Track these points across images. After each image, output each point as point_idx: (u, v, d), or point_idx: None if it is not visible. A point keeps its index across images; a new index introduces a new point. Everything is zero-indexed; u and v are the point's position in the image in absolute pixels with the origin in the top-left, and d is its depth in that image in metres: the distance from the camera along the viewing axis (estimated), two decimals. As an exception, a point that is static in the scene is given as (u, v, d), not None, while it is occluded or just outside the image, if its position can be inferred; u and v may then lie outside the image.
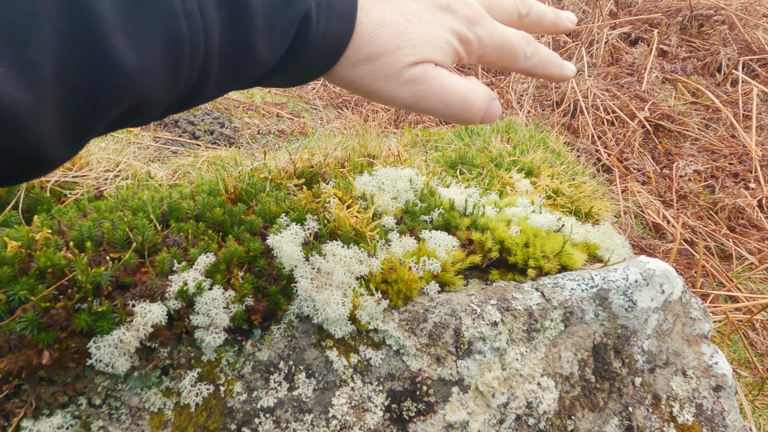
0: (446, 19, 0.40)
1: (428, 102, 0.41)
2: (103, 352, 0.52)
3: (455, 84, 0.41)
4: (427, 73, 0.40)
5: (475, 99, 0.42)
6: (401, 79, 0.39)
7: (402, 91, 0.40)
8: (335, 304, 0.58)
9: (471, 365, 0.60)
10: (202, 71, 0.31)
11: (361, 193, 0.70)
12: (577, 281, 0.67)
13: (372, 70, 0.38)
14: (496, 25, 0.42)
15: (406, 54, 0.38)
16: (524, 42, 0.44)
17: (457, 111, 0.42)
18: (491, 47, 0.42)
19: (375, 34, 0.37)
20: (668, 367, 0.72)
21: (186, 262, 0.58)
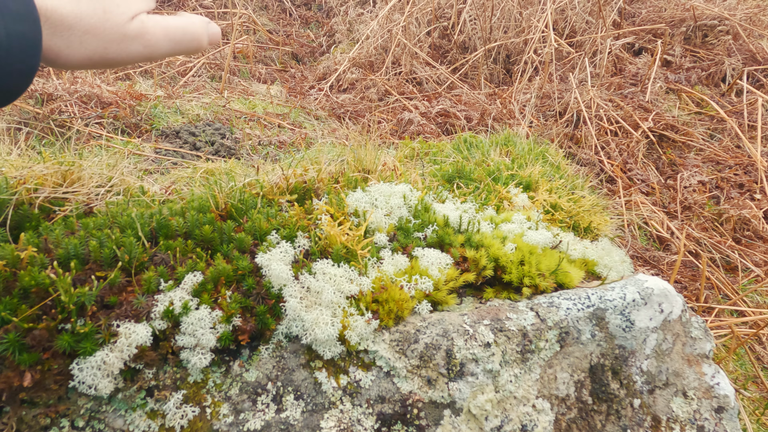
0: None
1: (159, 47, 0.44)
2: (86, 373, 0.51)
3: (173, 22, 0.45)
4: (145, 24, 0.43)
5: (194, 28, 0.47)
6: (128, 38, 0.42)
7: (134, 47, 0.43)
8: (324, 324, 0.57)
9: (463, 387, 0.58)
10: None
11: (354, 210, 0.69)
12: (573, 300, 0.66)
13: (97, 42, 0.41)
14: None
15: (117, 15, 0.41)
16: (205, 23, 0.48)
17: (186, 43, 0.46)
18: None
19: (78, 10, 0.39)
20: (668, 388, 0.70)
21: (173, 281, 0.57)
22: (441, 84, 2.97)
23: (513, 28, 3.26)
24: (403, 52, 2.94)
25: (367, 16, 3.31)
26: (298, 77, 3.01)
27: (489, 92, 2.98)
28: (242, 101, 2.41)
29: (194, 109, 2.12)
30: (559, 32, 3.37)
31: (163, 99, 2.12)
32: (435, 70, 3.00)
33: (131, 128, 1.86)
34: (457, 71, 3.10)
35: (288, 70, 3.11)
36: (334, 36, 3.40)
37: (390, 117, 2.59)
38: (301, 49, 3.33)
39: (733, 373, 1.70)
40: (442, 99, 2.76)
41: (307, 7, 3.77)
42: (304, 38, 3.44)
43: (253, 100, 2.45)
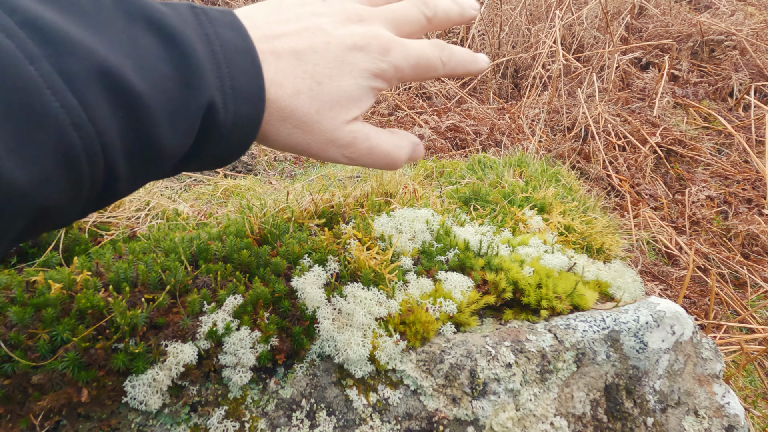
0: (358, 60, 0.42)
1: (358, 161, 0.44)
2: (138, 390, 0.55)
3: (382, 143, 0.45)
4: (355, 136, 0.43)
5: (398, 154, 0.46)
6: (333, 144, 0.42)
7: (335, 153, 0.43)
8: (356, 344, 0.61)
9: (486, 406, 0.62)
10: (108, 173, 0.31)
11: (380, 234, 0.73)
12: (589, 323, 0.69)
13: (304, 137, 0.41)
14: (407, 44, 0.44)
15: (330, 119, 0.41)
16: (438, 50, 0.46)
17: (383, 165, 0.46)
18: (408, 68, 0.44)
19: (294, 105, 0.39)
20: (680, 407, 0.73)
21: (215, 303, 0.61)
22: (450, 98, 3.02)
23: (521, 44, 3.31)
24: (413, 67, 2.99)
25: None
26: (311, 91, 3.07)
27: (498, 107, 3.03)
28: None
29: (211, 124, 2.17)
30: (567, 47, 3.42)
31: (181, 114, 2.17)
32: (444, 84, 3.05)
33: (151, 144, 1.92)
34: (466, 86, 3.15)
35: (300, 84, 3.17)
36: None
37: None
38: (312, 63, 3.39)
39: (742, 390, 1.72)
40: (452, 114, 2.81)
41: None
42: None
43: (267, 114, 2.51)
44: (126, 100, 0.30)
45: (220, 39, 0.35)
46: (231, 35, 0.36)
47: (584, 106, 2.81)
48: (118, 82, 0.29)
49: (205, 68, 0.34)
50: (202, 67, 0.34)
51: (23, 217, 0.27)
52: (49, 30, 0.27)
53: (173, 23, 0.33)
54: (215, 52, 0.35)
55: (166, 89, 0.32)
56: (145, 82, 0.31)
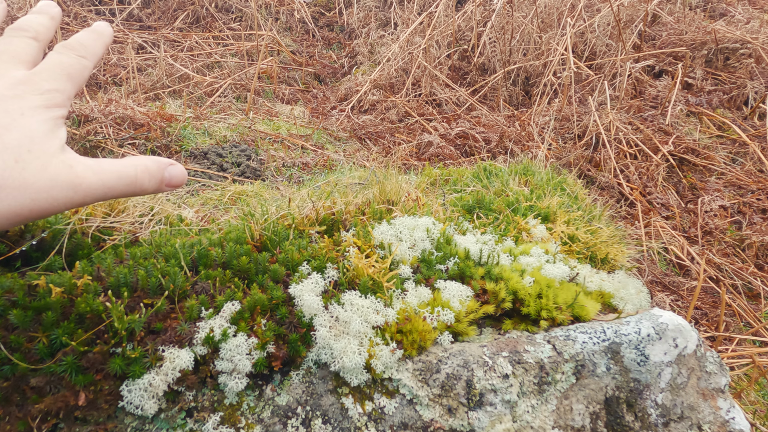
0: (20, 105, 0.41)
1: (93, 193, 0.42)
2: (134, 395, 0.56)
3: (111, 167, 0.43)
4: (71, 165, 0.41)
5: (133, 172, 0.45)
6: (57, 185, 0.40)
7: (65, 195, 0.40)
8: (352, 353, 0.61)
9: (482, 417, 0.61)
10: None
11: (380, 242, 0.73)
12: (589, 334, 0.68)
13: (21, 195, 0.38)
14: (46, 68, 0.44)
15: (33, 160, 0.39)
16: (69, 50, 0.46)
17: (124, 189, 0.44)
18: (66, 82, 0.44)
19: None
20: (683, 422, 0.72)
21: (213, 309, 0.61)
22: (460, 106, 3.02)
23: (532, 51, 3.30)
24: (423, 74, 3.00)
25: (389, 38, 3.39)
26: (320, 98, 3.09)
27: (508, 114, 3.02)
28: (266, 122, 2.49)
29: (221, 130, 2.19)
30: (578, 55, 3.40)
31: (192, 120, 2.20)
32: (454, 91, 3.05)
33: (162, 149, 1.94)
34: (476, 93, 3.15)
35: (310, 91, 3.20)
36: (355, 57, 3.48)
37: (410, 138, 2.64)
38: (323, 69, 3.42)
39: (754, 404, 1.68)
40: (462, 121, 2.81)
41: (330, 28, 3.87)
42: (326, 59, 3.53)
43: (276, 121, 2.53)
44: None
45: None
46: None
47: (595, 114, 2.79)
48: None
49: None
50: None
51: None
52: None
53: None
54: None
55: None
56: None
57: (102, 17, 3.13)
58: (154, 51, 2.96)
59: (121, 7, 3.21)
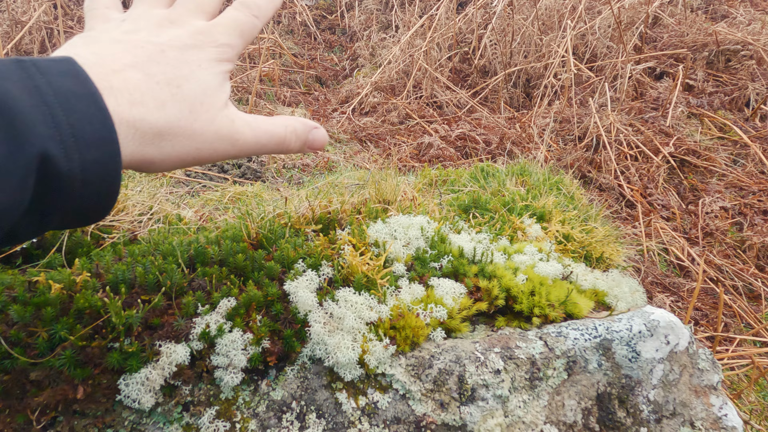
0: (197, 55, 0.43)
1: (249, 148, 0.45)
2: (131, 388, 0.57)
3: (264, 124, 0.45)
4: (233, 121, 0.43)
5: (283, 132, 0.46)
6: (218, 138, 0.42)
7: (224, 146, 0.43)
8: (345, 348, 0.62)
9: (474, 411, 0.62)
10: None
11: (375, 240, 0.74)
12: (581, 331, 0.69)
13: (190, 143, 0.41)
14: (222, 23, 0.46)
15: (204, 112, 0.41)
16: (245, 8, 0.47)
17: (273, 147, 0.46)
18: (237, 38, 0.46)
19: (165, 116, 0.39)
20: (675, 418, 0.72)
21: (209, 305, 0.63)
22: (461, 108, 3.03)
23: (533, 53, 3.31)
24: (424, 76, 3.01)
25: (390, 41, 3.41)
26: (322, 100, 3.11)
27: (509, 116, 3.02)
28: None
29: (223, 132, 2.21)
30: (579, 57, 3.41)
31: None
32: (455, 93, 3.06)
33: (164, 151, 1.96)
34: (477, 95, 3.16)
35: (312, 93, 3.21)
36: (357, 60, 3.50)
37: (410, 140, 2.65)
38: (324, 72, 3.44)
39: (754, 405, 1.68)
40: (462, 123, 2.82)
41: (332, 31, 3.89)
42: (327, 62, 3.55)
43: (278, 123, 2.54)
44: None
45: (54, 87, 0.34)
46: (67, 82, 0.35)
47: (596, 115, 2.80)
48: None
49: (33, 119, 0.33)
50: (27, 119, 0.33)
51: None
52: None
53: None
54: (47, 101, 0.34)
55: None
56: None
57: (105, 21, 3.15)
58: (157, 54, 2.98)
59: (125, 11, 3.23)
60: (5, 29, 2.69)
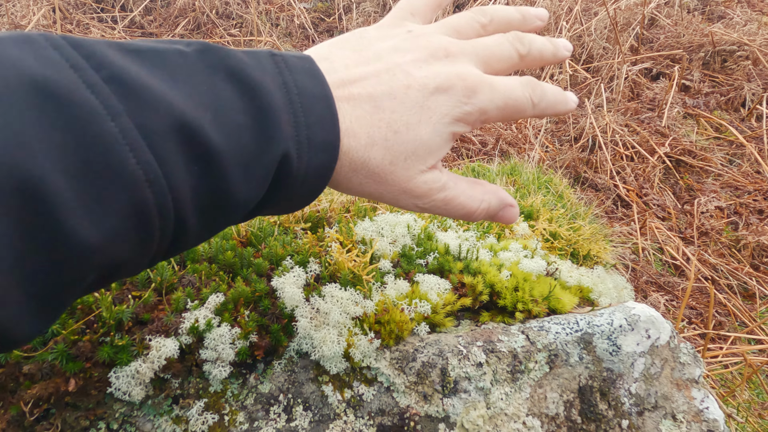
0: (440, 104, 0.39)
1: (432, 210, 0.43)
2: (121, 381, 0.58)
3: (459, 195, 0.42)
4: (430, 187, 0.40)
5: (476, 208, 0.43)
6: (407, 195, 0.40)
7: (408, 202, 0.41)
8: (331, 342, 0.63)
9: (457, 403, 0.64)
10: (178, 226, 0.30)
11: (362, 238, 0.76)
12: (563, 325, 0.71)
13: (377, 187, 0.40)
14: (495, 84, 0.40)
15: (403, 170, 0.39)
16: (530, 90, 0.42)
17: (460, 217, 0.44)
18: (495, 110, 0.40)
19: (367, 156, 0.38)
20: (657, 411, 0.74)
21: (198, 300, 0.64)
22: (458, 109, 3.04)
23: (530, 55, 3.32)
24: (421, 78, 3.03)
25: (387, 43, 3.43)
26: (320, 102, 3.13)
27: (505, 117, 3.04)
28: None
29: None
30: (575, 58, 3.42)
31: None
32: (452, 95, 3.07)
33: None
34: (474, 97, 3.17)
35: (310, 96, 3.23)
36: (355, 62, 3.52)
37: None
38: (323, 75, 3.46)
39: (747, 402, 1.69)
40: (459, 124, 2.84)
41: (330, 33, 3.91)
42: (326, 65, 3.57)
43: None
44: (201, 154, 0.29)
45: (298, 87, 0.35)
46: (309, 83, 0.35)
47: (591, 116, 2.81)
48: (195, 135, 0.29)
49: (282, 119, 0.33)
50: (279, 118, 0.33)
51: (93, 273, 0.27)
52: (133, 84, 0.27)
53: (253, 73, 0.33)
54: (293, 101, 0.34)
55: (242, 141, 0.31)
56: (221, 134, 0.30)
57: (104, 24, 3.19)
58: (156, 57, 3.00)
59: (123, 14, 3.26)
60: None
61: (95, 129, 0.25)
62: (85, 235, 0.25)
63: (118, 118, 0.26)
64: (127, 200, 0.26)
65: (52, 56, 0.25)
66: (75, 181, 0.24)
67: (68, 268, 0.26)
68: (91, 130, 0.25)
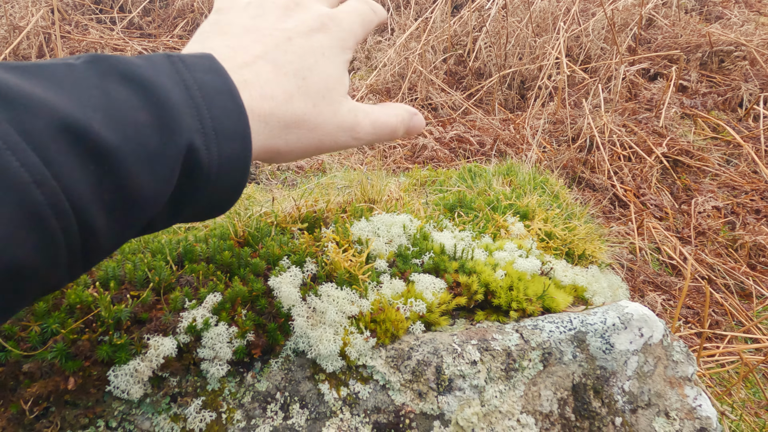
0: (322, 42, 0.43)
1: (365, 138, 0.46)
2: (120, 380, 0.59)
3: (381, 115, 0.47)
4: (356, 114, 0.44)
5: (397, 123, 0.48)
6: (340, 130, 0.43)
7: (344, 138, 0.44)
8: (327, 341, 0.64)
9: (451, 401, 0.64)
10: (84, 228, 0.30)
11: (358, 238, 0.77)
12: (556, 323, 0.72)
13: (313, 135, 0.42)
14: (345, 9, 0.47)
15: (327, 106, 0.42)
16: (364, 2, 0.49)
17: (386, 137, 0.48)
18: (358, 28, 0.46)
19: (291, 108, 0.40)
20: (650, 408, 0.75)
21: (196, 300, 0.65)
22: (456, 110, 3.05)
23: (528, 55, 3.33)
24: (419, 78, 3.04)
25: (385, 44, 3.44)
26: (319, 103, 3.14)
27: (503, 118, 3.05)
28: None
29: (219, 135, 2.24)
30: (573, 59, 3.43)
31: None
32: (450, 96, 3.09)
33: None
34: (471, 97, 3.18)
35: (309, 96, 3.24)
36: (352, 63, 3.53)
37: (405, 142, 2.67)
38: (321, 75, 3.46)
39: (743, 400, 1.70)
40: (457, 124, 2.84)
41: (329, 35, 3.92)
42: (325, 65, 3.57)
43: (274, 126, 2.57)
44: (94, 153, 0.30)
45: (198, 83, 0.36)
46: (209, 78, 0.37)
47: (589, 116, 2.82)
48: (84, 135, 0.29)
49: (182, 112, 0.34)
50: (179, 111, 0.34)
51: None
52: (11, 93, 0.28)
53: (147, 74, 0.34)
54: (193, 96, 0.35)
55: (141, 137, 0.32)
56: (115, 132, 0.31)
57: (103, 25, 3.19)
58: (155, 58, 3.01)
59: (121, 16, 3.27)
60: (3, 34, 2.73)
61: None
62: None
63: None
64: (15, 202, 0.27)
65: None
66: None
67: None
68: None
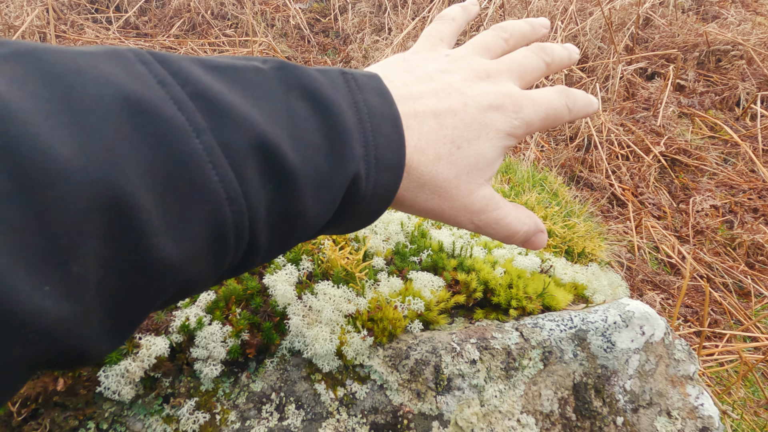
0: (494, 121, 0.41)
1: (483, 229, 0.44)
2: (111, 380, 0.58)
3: (508, 215, 0.43)
4: (487, 203, 0.42)
5: (519, 230, 0.45)
6: (466, 211, 0.41)
7: (464, 219, 0.42)
8: (323, 340, 0.63)
9: (450, 401, 0.63)
10: (249, 246, 0.30)
11: (355, 236, 0.76)
12: (557, 322, 0.70)
13: (440, 203, 0.40)
14: (535, 98, 0.43)
15: (465, 185, 0.40)
16: (564, 97, 0.45)
17: (502, 238, 0.45)
18: (538, 121, 0.43)
19: (434, 171, 0.39)
20: (652, 407, 0.74)
21: (189, 299, 0.64)
22: (454, 109, 3.05)
23: (525, 55, 3.32)
24: (416, 78, 3.03)
25: (383, 43, 3.43)
26: (316, 103, 3.12)
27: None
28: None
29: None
30: (571, 58, 3.42)
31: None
32: (448, 95, 3.07)
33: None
34: (469, 97, 3.17)
35: (306, 96, 3.22)
36: (350, 62, 3.52)
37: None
38: (319, 75, 3.45)
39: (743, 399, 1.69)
40: (455, 124, 2.84)
41: (325, 34, 3.91)
42: (321, 64, 3.56)
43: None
44: (277, 173, 0.29)
45: (368, 106, 0.35)
46: (377, 102, 0.36)
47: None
48: (273, 154, 0.29)
49: (353, 138, 0.33)
50: (351, 138, 0.33)
51: (168, 292, 0.27)
52: (216, 101, 0.27)
53: (327, 92, 0.33)
54: (363, 120, 0.34)
55: (315, 160, 0.31)
56: (296, 153, 0.30)
57: (99, 25, 3.17)
58: (151, 58, 2.99)
59: (117, 15, 3.25)
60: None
61: (181, 146, 0.25)
62: (168, 253, 0.25)
63: (203, 135, 0.26)
64: (207, 219, 0.26)
65: (141, 72, 0.25)
66: (160, 199, 0.24)
67: (149, 286, 0.25)
68: (177, 146, 0.25)
